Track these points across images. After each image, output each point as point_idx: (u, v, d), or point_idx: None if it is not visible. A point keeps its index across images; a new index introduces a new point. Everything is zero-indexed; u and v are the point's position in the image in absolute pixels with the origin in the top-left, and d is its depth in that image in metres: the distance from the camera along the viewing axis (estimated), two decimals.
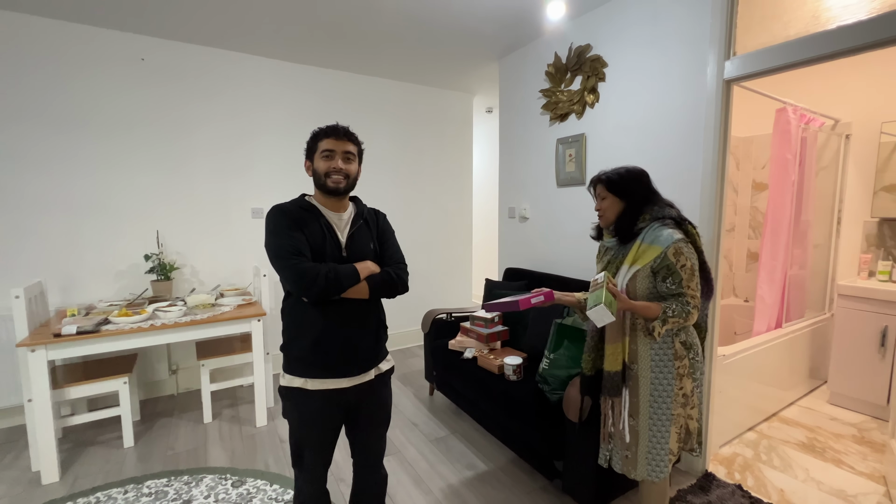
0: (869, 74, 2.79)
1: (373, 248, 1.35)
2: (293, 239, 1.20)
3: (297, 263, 1.17)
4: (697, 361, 1.41)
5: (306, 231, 1.23)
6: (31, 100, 2.49)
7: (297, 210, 1.27)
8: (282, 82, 3.21)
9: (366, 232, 1.35)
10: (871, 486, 1.95)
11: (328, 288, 1.17)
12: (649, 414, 1.39)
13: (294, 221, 1.23)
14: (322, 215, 1.29)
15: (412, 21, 2.58)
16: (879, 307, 2.52)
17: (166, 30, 2.66)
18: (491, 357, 2.31)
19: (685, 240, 1.34)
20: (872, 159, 2.82)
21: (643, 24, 2.19)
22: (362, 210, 1.39)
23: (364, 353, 1.31)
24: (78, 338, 2.02)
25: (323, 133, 1.30)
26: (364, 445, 1.40)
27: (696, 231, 1.41)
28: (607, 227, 1.50)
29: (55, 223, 2.59)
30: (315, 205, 1.31)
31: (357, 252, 1.30)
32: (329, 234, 1.27)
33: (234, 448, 2.30)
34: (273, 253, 1.20)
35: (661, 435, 1.38)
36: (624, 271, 1.41)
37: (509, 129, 3.21)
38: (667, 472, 1.40)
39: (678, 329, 1.38)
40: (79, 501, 1.87)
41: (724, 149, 1.93)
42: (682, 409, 1.39)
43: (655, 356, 1.38)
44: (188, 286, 2.98)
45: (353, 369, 1.29)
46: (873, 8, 1.46)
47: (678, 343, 1.37)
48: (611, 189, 1.44)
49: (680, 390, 1.38)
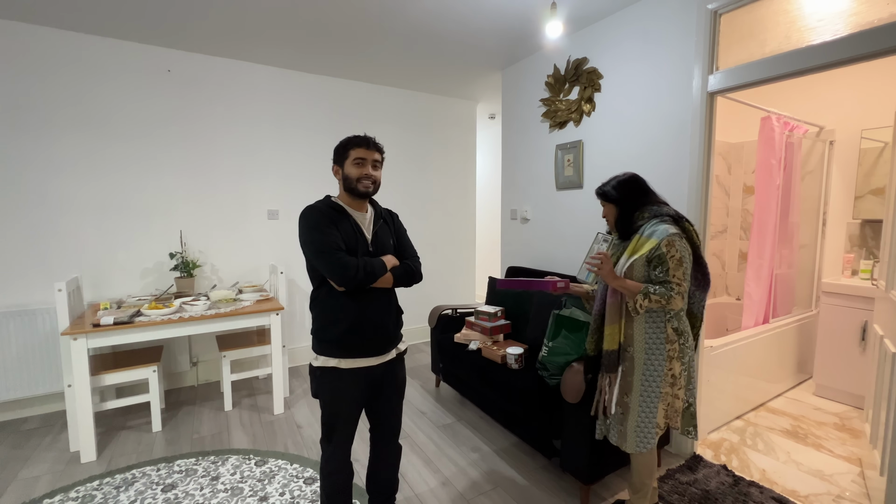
0: (849, 85, 2.96)
1: (392, 243, 1.53)
2: (333, 236, 1.35)
3: (340, 257, 1.33)
4: (687, 347, 1.56)
5: (340, 229, 1.39)
6: (68, 110, 2.69)
7: (330, 210, 1.42)
8: (296, 91, 3.40)
9: (386, 230, 1.53)
10: (847, 467, 2.10)
11: (366, 278, 1.35)
12: (640, 391, 1.55)
13: (330, 220, 1.38)
14: (350, 215, 1.45)
15: (421, 35, 2.77)
16: (860, 303, 2.67)
17: (190, 43, 2.86)
18: (494, 348, 2.47)
19: (680, 234, 1.51)
20: (854, 164, 2.99)
21: (635, 39, 2.38)
22: (381, 211, 1.56)
23: (390, 334, 1.49)
24: (115, 328, 2.20)
25: (354, 142, 1.44)
26: (385, 416, 1.57)
27: (692, 228, 1.58)
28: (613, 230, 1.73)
29: (89, 223, 2.79)
30: (342, 206, 1.46)
31: (381, 247, 1.47)
32: (357, 231, 1.43)
33: (255, 433, 2.47)
34: (316, 248, 1.35)
35: (649, 410, 1.55)
36: (623, 260, 1.60)
37: (511, 136, 3.39)
38: (653, 443, 1.56)
39: (671, 316, 1.53)
40: (117, 477, 2.04)
41: (709, 154, 2.11)
42: (669, 388, 1.55)
43: (649, 339, 1.54)
44: (209, 283, 3.16)
45: (382, 349, 1.47)
46: (837, 30, 1.64)
47: (670, 328, 1.53)
48: (605, 199, 1.67)
49: (669, 371, 1.53)
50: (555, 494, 1.92)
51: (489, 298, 3.11)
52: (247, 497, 1.89)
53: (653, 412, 1.55)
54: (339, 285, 1.37)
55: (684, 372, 1.56)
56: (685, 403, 1.59)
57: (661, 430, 1.57)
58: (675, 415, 1.59)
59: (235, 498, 1.88)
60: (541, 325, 2.45)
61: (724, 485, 1.94)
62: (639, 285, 1.51)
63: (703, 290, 1.64)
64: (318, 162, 3.49)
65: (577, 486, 1.94)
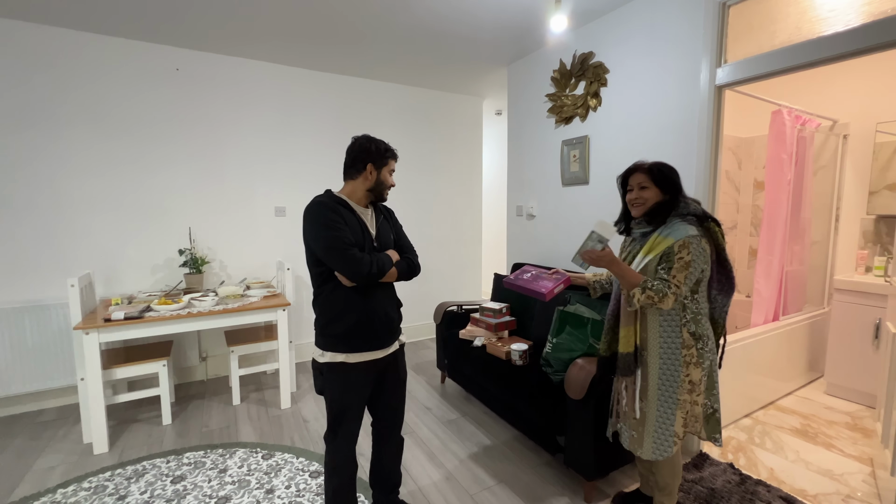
0: (864, 77, 2.89)
1: (393, 238, 1.58)
2: (344, 232, 1.37)
3: (353, 253, 1.36)
4: (706, 351, 1.46)
5: (348, 225, 1.41)
6: (79, 108, 2.74)
7: (336, 206, 1.42)
8: (303, 89, 3.42)
9: (386, 225, 1.58)
10: (858, 467, 2.07)
11: (378, 273, 1.39)
12: (657, 397, 1.47)
13: (340, 216, 1.40)
14: (355, 211, 1.47)
15: (426, 31, 2.76)
16: (874, 301, 2.62)
17: (198, 42, 2.89)
18: (499, 344, 2.47)
19: (699, 236, 1.40)
20: (869, 158, 2.92)
21: (642, 33, 2.34)
22: (380, 207, 1.60)
23: (394, 326, 1.55)
24: (125, 322, 2.25)
25: (392, 154, 1.52)
26: (389, 406, 1.60)
27: (718, 229, 1.46)
28: (641, 216, 1.52)
29: (100, 220, 2.84)
30: (347, 201, 1.47)
31: (384, 242, 1.52)
32: (363, 227, 1.46)
33: (262, 427, 2.50)
34: (328, 244, 1.35)
35: (666, 418, 1.46)
36: (639, 259, 1.49)
37: (517, 131, 3.38)
38: (671, 451, 1.47)
39: (687, 320, 1.44)
40: (128, 468, 2.09)
41: (717, 148, 2.07)
42: (688, 395, 1.45)
43: (664, 343, 1.46)
44: (217, 279, 3.20)
45: (387, 341, 1.51)
46: (849, 20, 1.60)
47: (686, 333, 1.44)
48: (656, 179, 1.48)
49: (686, 377, 1.44)
50: (558, 490, 1.92)
51: (495, 295, 3.11)
52: (254, 489, 1.92)
53: (670, 420, 1.46)
54: (353, 281, 1.39)
55: (704, 377, 1.47)
56: (709, 409, 1.50)
57: (681, 439, 1.48)
58: (696, 421, 1.49)
59: (242, 490, 1.91)
60: (545, 322, 2.44)
61: (731, 483, 1.92)
62: (639, 277, 1.42)
63: (727, 294, 1.52)
64: (325, 159, 3.51)
65: (580, 481, 1.94)
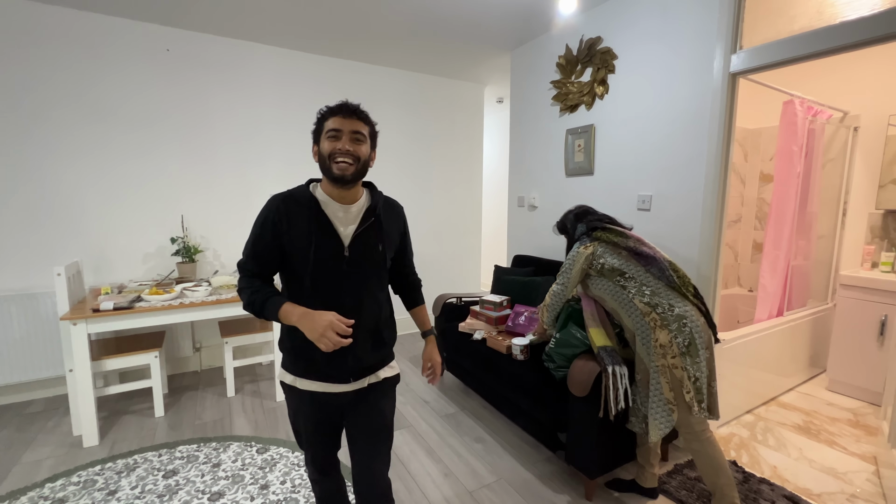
0: (877, 67, 2.81)
1: (381, 249, 1.16)
2: (260, 238, 1.11)
3: (242, 276, 1.14)
4: (669, 316, 1.60)
5: (293, 231, 1.09)
6: (68, 93, 2.62)
7: (291, 203, 1.11)
8: (299, 73, 3.31)
9: (377, 231, 1.16)
10: (862, 466, 2.04)
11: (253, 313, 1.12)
12: (645, 374, 1.65)
13: (280, 218, 1.09)
14: (321, 211, 1.11)
15: (427, 14, 2.65)
16: (880, 297, 2.58)
17: (190, 21, 2.77)
18: (499, 338, 2.42)
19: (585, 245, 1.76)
20: (879, 152, 2.85)
21: (653, 17, 2.25)
22: (377, 203, 1.18)
23: (357, 359, 1.13)
24: (114, 313, 2.17)
25: (329, 111, 1.12)
26: (359, 462, 1.19)
27: (602, 234, 1.75)
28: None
29: (90, 207, 2.74)
30: (315, 196, 1.12)
31: (361, 254, 1.13)
32: (326, 231, 1.10)
33: (256, 419, 2.45)
34: (243, 253, 1.16)
35: (656, 387, 1.61)
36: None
37: (520, 120, 3.28)
38: (672, 418, 1.57)
39: (632, 294, 1.65)
40: (119, 462, 2.04)
41: (729, 139, 2.00)
42: (663, 359, 1.58)
43: (632, 323, 1.67)
44: (210, 268, 3.12)
45: (343, 375, 1.13)
46: (875, 4, 1.52)
47: (639, 303, 1.64)
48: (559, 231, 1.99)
49: (656, 341, 1.59)
50: (559, 488, 1.89)
51: (495, 287, 3.05)
52: (248, 485, 1.87)
53: (658, 388, 1.60)
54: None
55: (676, 339, 1.58)
56: (691, 377, 1.56)
57: (673, 404, 1.58)
58: (680, 386, 1.57)
59: (236, 485, 1.87)
60: None
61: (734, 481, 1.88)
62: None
63: (649, 264, 1.66)
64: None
65: (581, 479, 1.90)
